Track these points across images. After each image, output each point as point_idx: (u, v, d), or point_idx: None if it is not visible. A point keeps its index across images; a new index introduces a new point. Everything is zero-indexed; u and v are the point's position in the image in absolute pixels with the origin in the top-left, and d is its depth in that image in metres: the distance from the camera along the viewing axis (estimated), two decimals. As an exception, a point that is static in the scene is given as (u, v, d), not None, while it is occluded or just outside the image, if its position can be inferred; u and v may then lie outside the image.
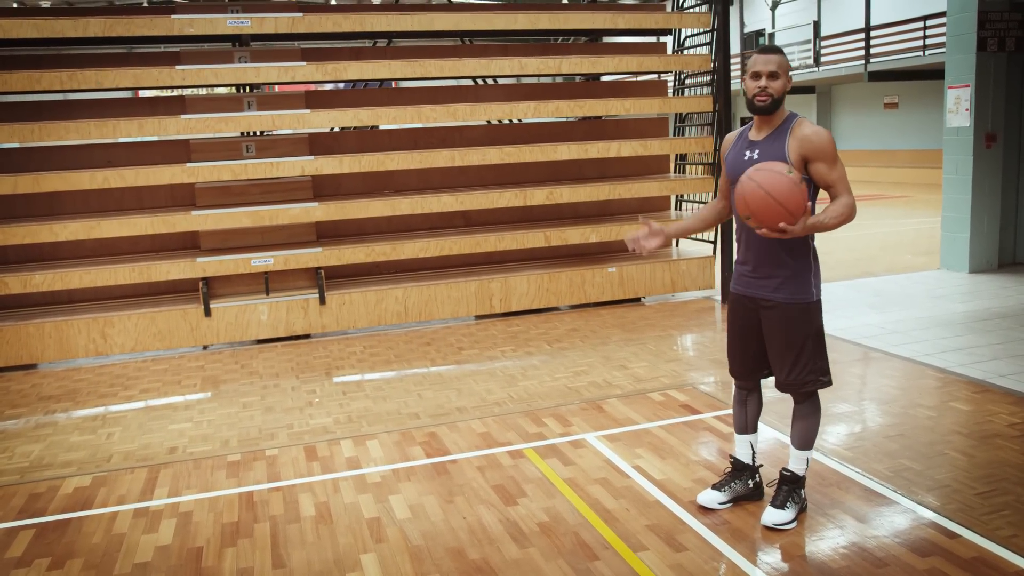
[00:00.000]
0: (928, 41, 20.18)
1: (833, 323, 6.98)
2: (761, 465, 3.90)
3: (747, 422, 3.76)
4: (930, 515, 3.59)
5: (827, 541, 3.42)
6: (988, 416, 4.74)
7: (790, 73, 3.38)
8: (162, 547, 3.65)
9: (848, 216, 3.25)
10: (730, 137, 3.67)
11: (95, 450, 4.89)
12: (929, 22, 20.02)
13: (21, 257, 7.47)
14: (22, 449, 4.96)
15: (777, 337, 3.47)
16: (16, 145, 7.26)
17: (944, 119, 9.17)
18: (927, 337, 6.45)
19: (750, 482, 3.80)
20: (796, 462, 3.58)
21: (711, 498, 3.79)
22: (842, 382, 5.48)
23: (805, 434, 3.54)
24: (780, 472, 3.66)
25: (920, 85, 23.09)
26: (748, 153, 3.45)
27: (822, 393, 3.49)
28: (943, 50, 14.06)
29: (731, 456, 3.86)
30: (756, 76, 3.37)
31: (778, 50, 3.40)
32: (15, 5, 22.07)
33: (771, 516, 3.53)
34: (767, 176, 3.16)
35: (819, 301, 3.47)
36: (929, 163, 22.57)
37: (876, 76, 22.11)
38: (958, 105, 8.95)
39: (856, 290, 8.35)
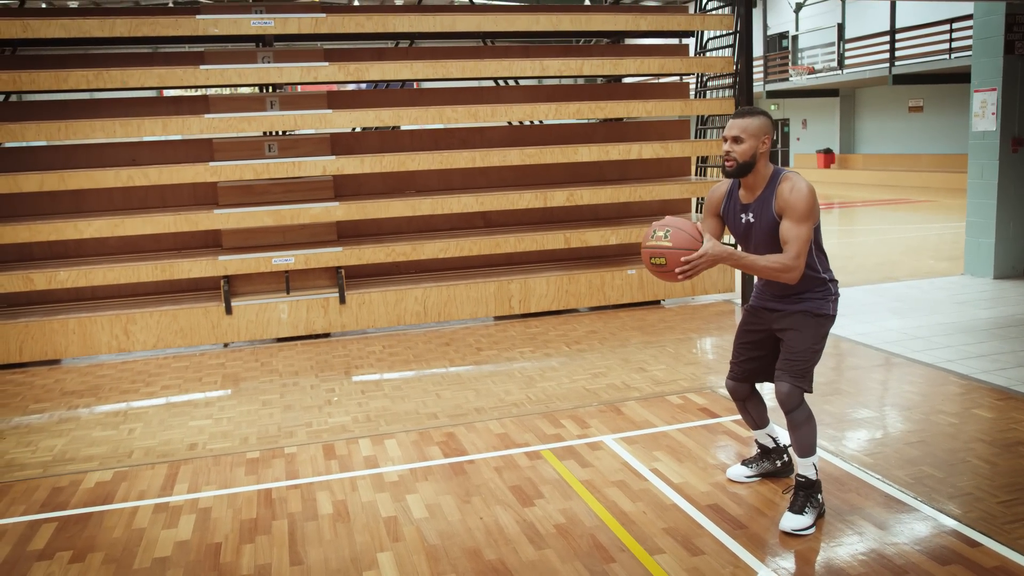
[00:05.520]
0: (954, 44, 19.96)
1: (854, 328, 6.92)
2: (788, 445, 3.99)
3: (755, 421, 3.95)
4: (951, 523, 3.55)
5: (846, 547, 3.39)
6: (1011, 424, 4.68)
7: (765, 135, 3.35)
8: (181, 542, 3.68)
9: (775, 273, 3.28)
10: (717, 194, 3.64)
11: (117, 445, 4.95)
12: (955, 25, 19.80)
13: (47, 254, 7.57)
14: (45, 443, 5.03)
15: (788, 335, 3.54)
16: (43, 143, 7.35)
17: (970, 123, 9.06)
18: (950, 343, 6.38)
19: (778, 462, 4.03)
20: (804, 468, 3.62)
21: (739, 472, 4.06)
22: (863, 387, 5.44)
23: (804, 442, 3.58)
24: (795, 478, 3.67)
25: (945, 89, 22.85)
26: (744, 216, 3.50)
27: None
28: (969, 53, 13.91)
29: (756, 440, 4.05)
30: (725, 140, 3.40)
31: (749, 113, 3.38)
32: (43, 5, 22.36)
33: (789, 521, 3.52)
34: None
35: (833, 316, 3.54)
36: (954, 167, 22.35)
37: (901, 79, 21.91)
38: (984, 109, 8.85)
39: (878, 295, 8.28)
